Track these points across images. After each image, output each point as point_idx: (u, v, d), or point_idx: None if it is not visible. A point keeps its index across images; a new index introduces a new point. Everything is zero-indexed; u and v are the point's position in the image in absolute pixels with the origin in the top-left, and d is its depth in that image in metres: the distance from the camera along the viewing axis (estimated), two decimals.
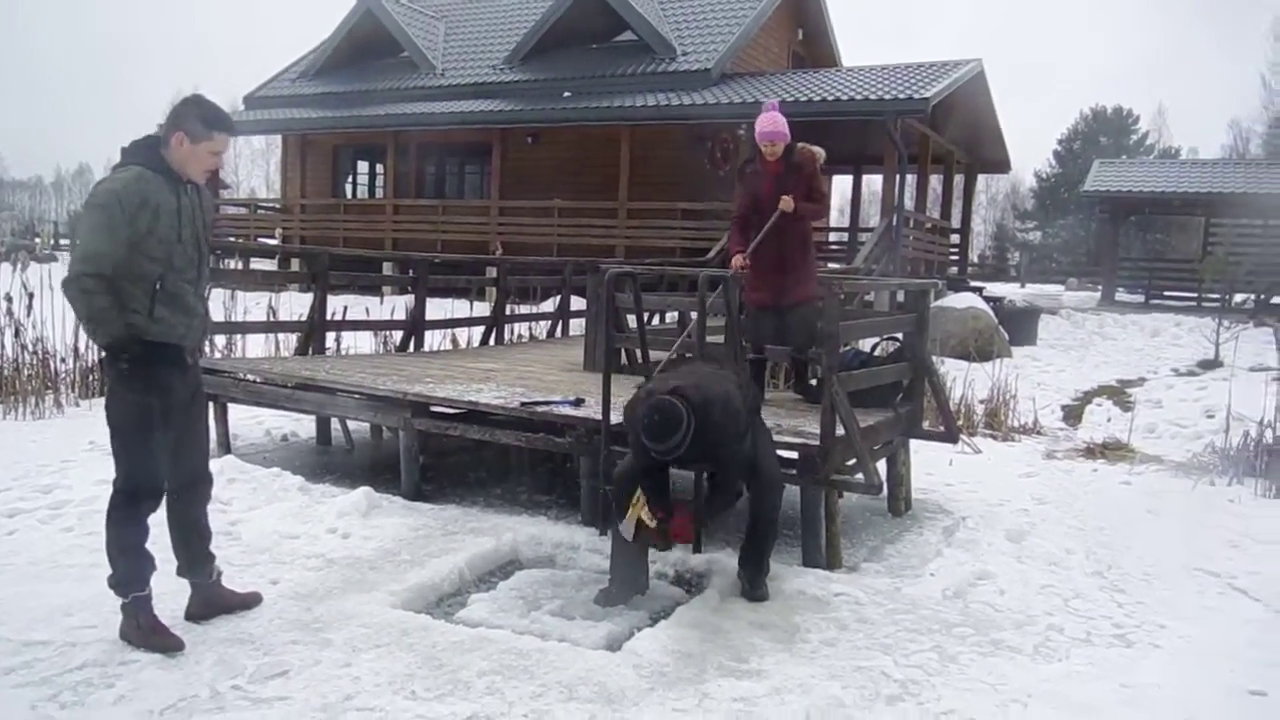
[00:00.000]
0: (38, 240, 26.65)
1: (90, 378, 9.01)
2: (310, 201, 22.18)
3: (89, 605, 3.92)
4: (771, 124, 5.55)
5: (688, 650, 3.74)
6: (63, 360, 8.98)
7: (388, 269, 16.21)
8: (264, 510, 5.30)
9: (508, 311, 10.40)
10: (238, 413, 6.92)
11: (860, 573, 4.88)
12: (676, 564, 4.87)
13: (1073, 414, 10.28)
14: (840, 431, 4.82)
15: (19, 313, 8.51)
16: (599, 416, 5.12)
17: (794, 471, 4.84)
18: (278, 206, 23.44)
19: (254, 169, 64.67)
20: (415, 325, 8.72)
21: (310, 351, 7.60)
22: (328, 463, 6.95)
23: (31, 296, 8.59)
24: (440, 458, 6.78)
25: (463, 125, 18.93)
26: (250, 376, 6.33)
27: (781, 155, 5.56)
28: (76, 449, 6.66)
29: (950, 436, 6.17)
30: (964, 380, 9.56)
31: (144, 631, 3.59)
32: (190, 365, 3.73)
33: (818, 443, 4.77)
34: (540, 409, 5.52)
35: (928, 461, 7.04)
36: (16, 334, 8.34)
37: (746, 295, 5.77)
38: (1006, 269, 42.92)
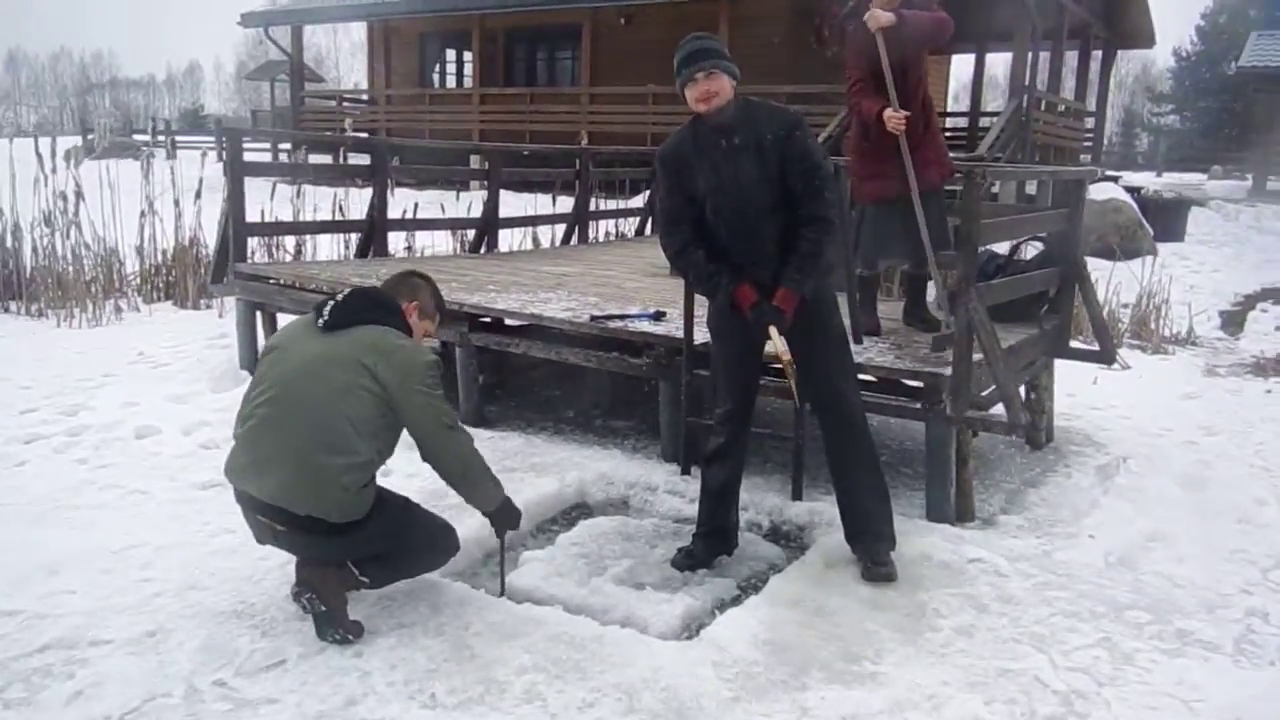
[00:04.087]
0: (137, 136, 26.59)
1: (155, 280, 8.57)
2: (396, 92, 21.42)
3: (78, 561, 3.35)
4: None
5: (783, 640, 2.96)
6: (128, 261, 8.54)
7: (475, 163, 15.40)
8: None
9: (593, 208, 9.54)
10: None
11: (998, 528, 4.00)
12: (772, 513, 4.08)
13: (1233, 321, 9.01)
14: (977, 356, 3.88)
15: (74, 209, 7.99)
16: (681, 334, 4.29)
17: (918, 405, 3.95)
18: (365, 99, 22.74)
19: (355, 62, 64.32)
20: (488, 224, 7.94)
21: (371, 254, 6.91)
22: None
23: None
24: (509, 375, 6.07)
25: (551, 5, 17.76)
26: (295, 283, 5.68)
27: (899, 3, 4.44)
28: (121, 361, 6.18)
29: (1106, 355, 5.15)
30: (1106, 282, 8.36)
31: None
32: None
33: (949, 370, 3.85)
34: (613, 324, 4.71)
35: (1067, 379, 6.00)
36: (68, 234, 7.83)
37: (858, 189, 4.72)
38: (1134, 156, 39.91)
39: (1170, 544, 3.82)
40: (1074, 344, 5.39)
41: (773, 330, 3.25)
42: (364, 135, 17.74)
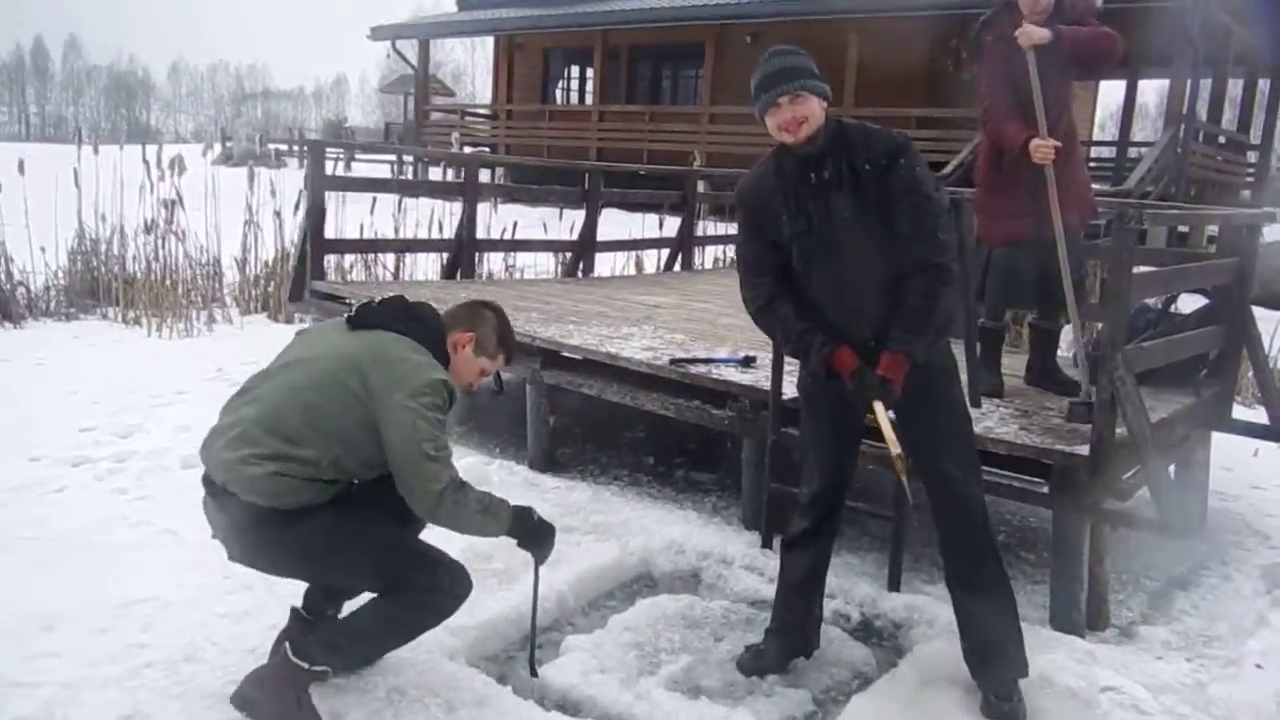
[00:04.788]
0: (271, 146, 27.42)
1: (253, 291, 8.48)
2: (516, 108, 21.42)
3: (76, 616, 3.02)
4: None
5: None
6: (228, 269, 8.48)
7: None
8: None
9: (700, 232, 9.06)
10: None
11: (1138, 643, 3.32)
12: (864, 604, 3.49)
13: None
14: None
15: (182, 220, 7.94)
16: (769, 384, 3.77)
17: (1045, 490, 3.32)
18: (488, 113, 22.84)
19: (490, 78, 65.67)
20: (584, 247, 7.55)
21: (458, 274, 6.59)
22: (469, 404, 5.94)
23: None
24: (588, 415, 5.62)
25: (675, 22, 17.41)
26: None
27: (1050, 14, 3.82)
28: (198, 377, 5.98)
29: (1277, 431, 4.38)
30: (1271, 337, 7.40)
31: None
32: None
33: (1086, 450, 3.21)
34: (695, 368, 4.20)
35: (1221, 449, 5.16)
36: (162, 241, 7.77)
37: (986, 228, 4.09)
38: None
39: None
40: (1236, 412, 4.62)
41: (878, 406, 2.67)
42: (478, 149, 17.72)
